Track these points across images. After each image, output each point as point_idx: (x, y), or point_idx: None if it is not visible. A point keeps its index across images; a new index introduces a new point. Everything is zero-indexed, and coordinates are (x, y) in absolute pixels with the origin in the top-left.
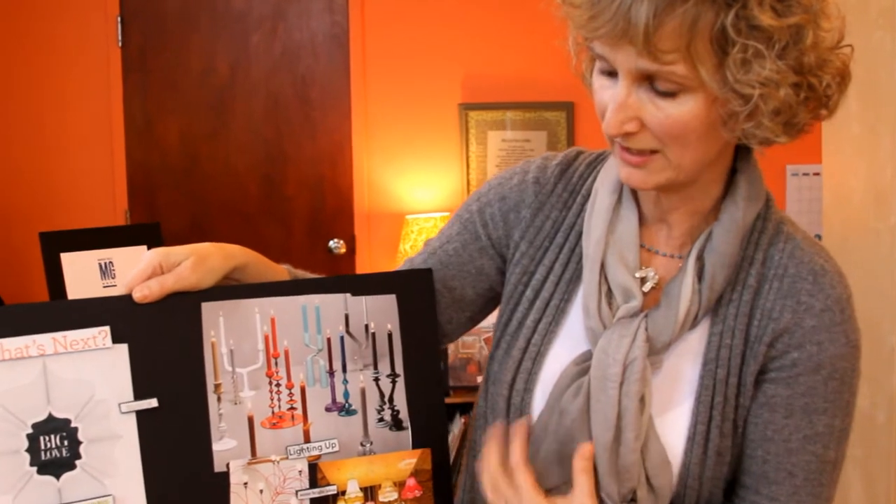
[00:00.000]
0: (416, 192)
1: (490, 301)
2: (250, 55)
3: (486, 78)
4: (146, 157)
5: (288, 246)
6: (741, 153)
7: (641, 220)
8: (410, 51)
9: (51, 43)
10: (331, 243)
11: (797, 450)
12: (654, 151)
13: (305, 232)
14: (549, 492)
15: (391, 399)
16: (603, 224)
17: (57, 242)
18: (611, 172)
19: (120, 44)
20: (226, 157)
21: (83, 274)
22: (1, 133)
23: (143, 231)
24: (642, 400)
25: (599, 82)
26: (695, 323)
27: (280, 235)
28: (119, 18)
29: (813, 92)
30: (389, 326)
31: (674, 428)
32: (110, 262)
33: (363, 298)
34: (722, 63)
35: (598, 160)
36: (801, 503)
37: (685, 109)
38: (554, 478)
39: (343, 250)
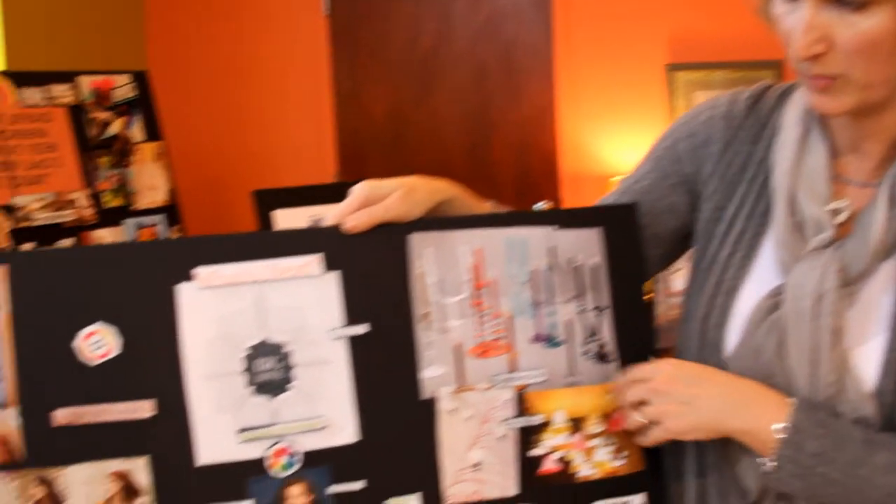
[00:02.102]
0: (622, 154)
1: (684, 238)
2: (454, 23)
3: (694, 37)
4: (355, 125)
5: None
6: None
7: (834, 151)
8: (615, 11)
9: (263, 13)
10: (537, 205)
11: None
12: (841, 75)
13: (511, 198)
14: None
15: (598, 332)
16: (791, 156)
17: (270, 200)
18: (799, 104)
19: (327, 13)
20: (432, 125)
21: None
22: (220, 99)
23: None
24: (837, 333)
25: (782, 8)
26: (890, 252)
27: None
28: None
29: None
30: (595, 260)
31: (869, 360)
32: (321, 220)
33: (569, 232)
34: None
35: (789, 92)
36: None
37: (875, 21)
38: None
39: None
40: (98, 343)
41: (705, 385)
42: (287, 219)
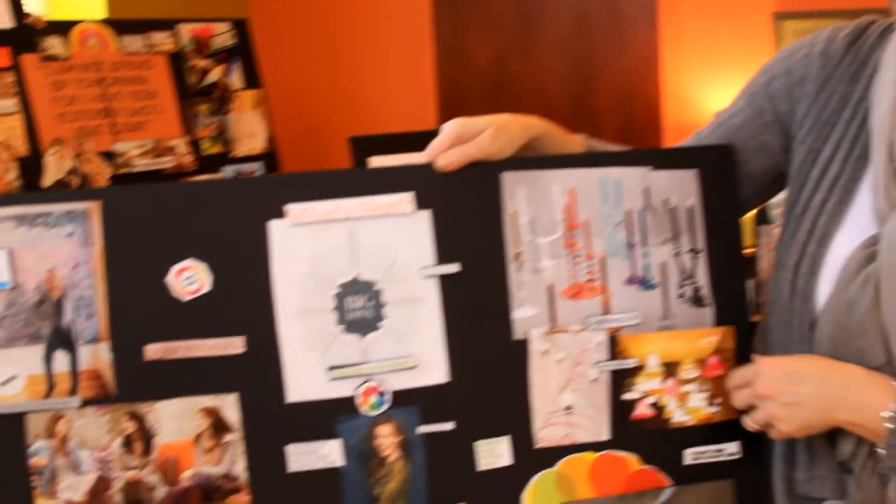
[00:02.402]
0: (726, 105)
1: (777, 179)
2: None
3: None
4: (456, 73)
5: None
6: None
7: None
8: None
9: None
10: None
11: None
12: None
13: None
14: None
15: (692, 275)
16: (889, 97)
17: (366, 146)
18: None
19: None
20: (534, 74)
21: None
22: (320, 47)
23: None
24: None
25: None
26: None
27: None
28: None
29: None
30: (690, 201)
31: None
32: None
33: (664, 173)
34: None
35: (892, 28)
36: None
37: None
38: None
39: None
40: (190, 279)
41: (808, 382)
42: (383, 165)
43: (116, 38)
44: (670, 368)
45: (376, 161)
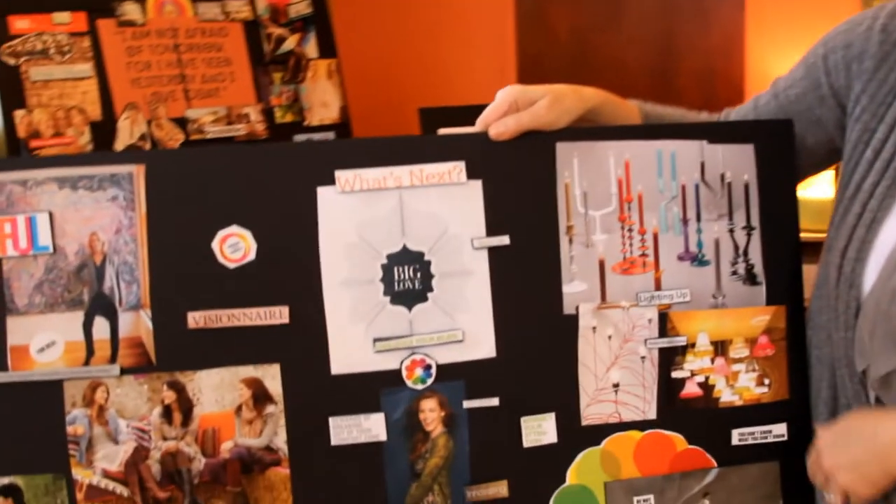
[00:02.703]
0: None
1: (832, 153)
2: None
3: None
4: (538, 47)
5: None
6: None
7: None
8: None
9: None
10: None
11: None
12: None
13: None
14: (885, 377)
15: (746, 252)
16: None
17: (436, 118)
18: None
19: None
20: (616, 50)
21: None
22: (398, 18)
23: None
24: None
25: None
26: None
27: None
28: None
29: None
30: (746, 177)
31: None
32: None
33: (720, 147)
34: None
35: None
36: None
37: None
38: (892, 361)
39: None
40: (235, 246)
41: (857, 442)
42: None
43: (193, 4)
44: (720, 347)
45: (444, 133)
